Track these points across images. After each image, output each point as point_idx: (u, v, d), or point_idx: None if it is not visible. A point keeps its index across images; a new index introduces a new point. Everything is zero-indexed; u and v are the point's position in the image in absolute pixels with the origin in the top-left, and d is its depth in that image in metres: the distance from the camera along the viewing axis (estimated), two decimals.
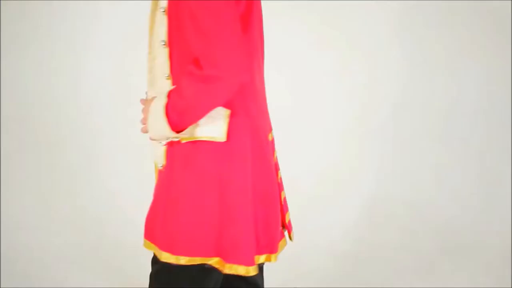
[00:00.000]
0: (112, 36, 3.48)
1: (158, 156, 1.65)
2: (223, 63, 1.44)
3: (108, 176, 3.44)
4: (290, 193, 1.73)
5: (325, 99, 3.62)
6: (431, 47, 3.51)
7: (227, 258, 1.61)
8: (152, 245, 1.67)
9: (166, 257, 1.60)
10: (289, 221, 1.81)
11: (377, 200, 3.41)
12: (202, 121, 1.56)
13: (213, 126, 1.57)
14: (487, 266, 3.04)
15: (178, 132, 1.53)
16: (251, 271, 1.61)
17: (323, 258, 3.09)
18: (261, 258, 1.69)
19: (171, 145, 1.61)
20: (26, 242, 3.11)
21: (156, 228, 1.66)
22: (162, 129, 1.54)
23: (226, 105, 1.56)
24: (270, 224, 1.69)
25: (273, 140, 1.75)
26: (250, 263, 1.62)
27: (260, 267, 1.81)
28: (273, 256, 1.71)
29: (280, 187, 1.76)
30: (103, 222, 3.22)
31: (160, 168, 1.65)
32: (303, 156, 3.51)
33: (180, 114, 1.51)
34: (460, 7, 3.43)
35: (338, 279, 2.91)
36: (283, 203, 1.77)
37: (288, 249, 1.81)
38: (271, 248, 1.71)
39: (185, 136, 1.56)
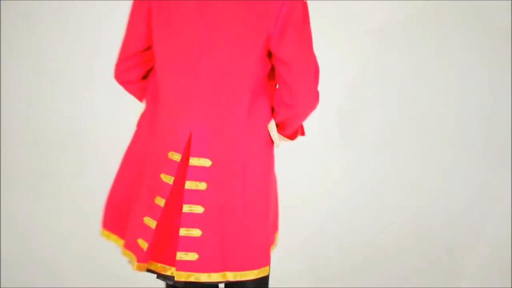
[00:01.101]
0: (112, 36, 3.47)
1: None
2: None
3: (109, 177, 3.42)
4: (289, 194, 1.72)
5: (326, 99, 3.60)
6: (433, 49, 3.50)
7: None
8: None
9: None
10: (180, 261, 1.67)
11: (377, 200, 3.40)
12: None
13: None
14: (487, 266, 3.04)
15: None
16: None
17: (323, 258, 3.09)
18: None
19: None
20: (26, 242, 3.11)
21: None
22: None
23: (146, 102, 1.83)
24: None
25: (182, 164, 1.68)
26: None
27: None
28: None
29: (182, 220, 1.68)
30: None
31: None
32: (302, 156, 3.50)
33: None
34: (461, 7, 3.42)
35: (338, 279, 2.91)
36: (176, 236, 1.68)
37: (289, 249, 1.81)
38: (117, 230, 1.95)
39: None
